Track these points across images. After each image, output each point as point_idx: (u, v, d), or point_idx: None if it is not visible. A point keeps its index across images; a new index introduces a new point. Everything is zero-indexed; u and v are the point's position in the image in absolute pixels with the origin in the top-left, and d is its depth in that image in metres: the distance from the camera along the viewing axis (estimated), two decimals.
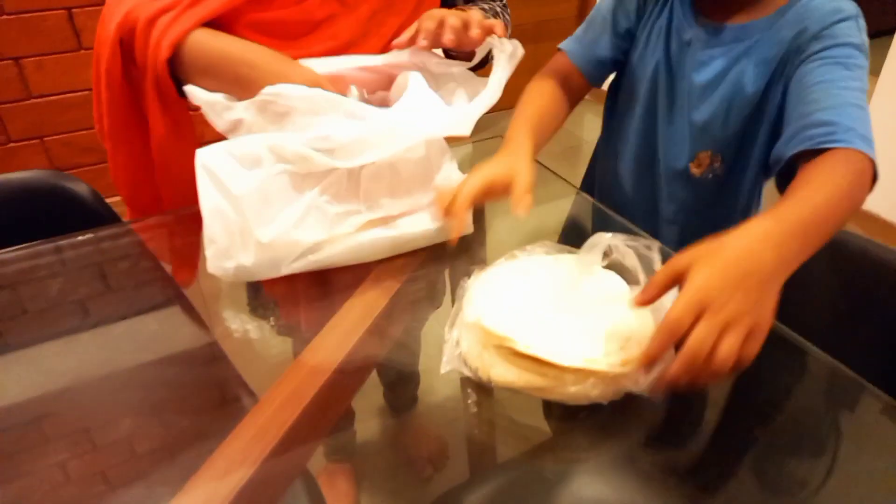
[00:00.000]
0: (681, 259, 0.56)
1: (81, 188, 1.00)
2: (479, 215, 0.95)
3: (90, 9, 2.01)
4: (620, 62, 0.99)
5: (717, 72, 0.87)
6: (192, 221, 0.82)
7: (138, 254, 0.88)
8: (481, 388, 0.65)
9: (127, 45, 0.80)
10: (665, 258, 0.62)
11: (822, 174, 0.66)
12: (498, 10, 1.01)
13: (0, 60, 1.96)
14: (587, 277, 0.69)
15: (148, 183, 0.90)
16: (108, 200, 1.07)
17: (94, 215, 0.93)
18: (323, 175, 0.76)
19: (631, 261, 0.66)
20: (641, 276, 0.65)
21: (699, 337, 0.52)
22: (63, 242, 0.88)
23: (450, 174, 0.83)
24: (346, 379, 0.66)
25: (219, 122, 0.80)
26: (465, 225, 0.84)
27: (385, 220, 0.79)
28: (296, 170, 0.75)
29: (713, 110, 0.88)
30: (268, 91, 0.75)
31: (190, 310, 0.83)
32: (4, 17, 1.91)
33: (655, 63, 0.93)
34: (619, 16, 0.96)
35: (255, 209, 0.73)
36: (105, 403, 0.66)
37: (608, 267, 0.71)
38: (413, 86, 0.79)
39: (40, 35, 1.98)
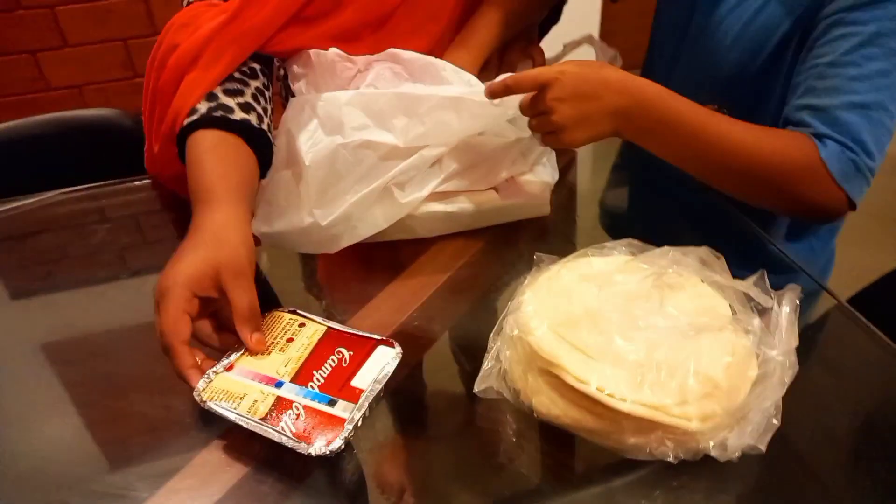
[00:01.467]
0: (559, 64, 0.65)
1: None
2: (569, 194, 0.85)
3: None
4: None
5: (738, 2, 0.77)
6: None
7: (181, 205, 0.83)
8: (522, 416, 0.52)
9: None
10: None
11: (760, 129, 0.66)
12: None
13: (37, 9, 1.93)
14: (677, 294, 0.53)
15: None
16: None
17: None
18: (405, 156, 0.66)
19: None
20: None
21: (532, 106, 0.65)
22: (109, 189, 0.86)
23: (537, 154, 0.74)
24: None
25: (329, 83, 0.72)
26: (543, 204, 0.74)
27: (446, 195, 0.70)
28: (377, 144, 0.65)
29: (728, 43, 0.78)
30: (388, 51, 0.73)
31: None
32: None
33: None
34: None
35: (318, 182, 0.64)
36: (140, 354, 0.62)
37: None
38: None
39: None
